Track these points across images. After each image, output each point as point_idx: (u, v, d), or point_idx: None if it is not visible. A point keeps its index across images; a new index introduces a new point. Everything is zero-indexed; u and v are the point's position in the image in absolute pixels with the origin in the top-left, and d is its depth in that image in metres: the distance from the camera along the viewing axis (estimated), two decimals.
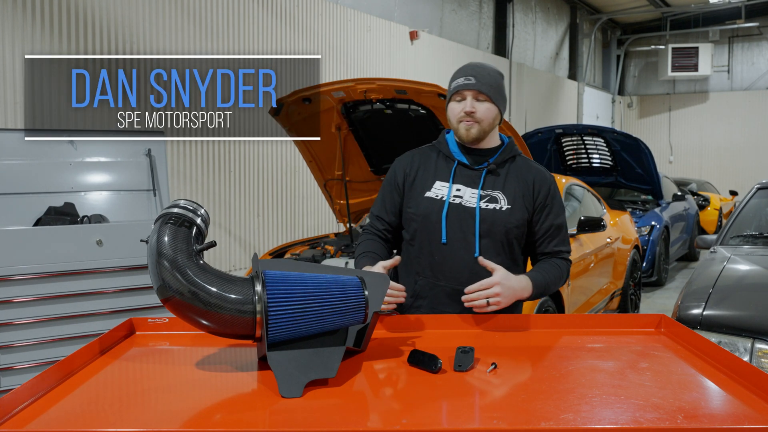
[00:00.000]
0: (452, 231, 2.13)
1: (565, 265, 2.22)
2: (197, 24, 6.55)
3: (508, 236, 2.15)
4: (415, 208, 2.19)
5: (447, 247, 2.13)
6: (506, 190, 2.17)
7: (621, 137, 8.15)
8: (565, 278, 2.23)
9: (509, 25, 13.34)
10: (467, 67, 2.18)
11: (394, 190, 2.26)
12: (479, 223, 2.12)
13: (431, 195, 2.17)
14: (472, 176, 2.18)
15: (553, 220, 2.21)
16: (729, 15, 17.72)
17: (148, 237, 1.63)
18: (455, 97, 2.16)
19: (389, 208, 2.26)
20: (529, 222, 2.19)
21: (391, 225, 2.27)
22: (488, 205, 2.14)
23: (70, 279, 3.41)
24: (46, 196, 3.70)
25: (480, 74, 2.14)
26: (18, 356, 3.31)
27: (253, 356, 1.73)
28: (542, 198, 2.19)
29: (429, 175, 2.21)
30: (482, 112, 2.14)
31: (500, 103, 2.18)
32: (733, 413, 1.40)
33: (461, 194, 2.16)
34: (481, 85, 2.12)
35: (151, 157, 3.96)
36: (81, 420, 1.35)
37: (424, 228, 2.17)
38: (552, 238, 2.21)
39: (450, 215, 2.14)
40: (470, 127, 2.14)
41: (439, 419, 1.37)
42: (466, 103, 2.13)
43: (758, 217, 4.77)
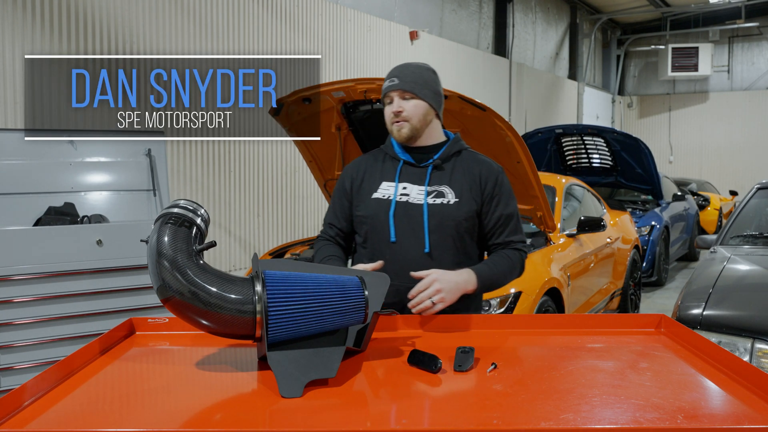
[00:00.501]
0: (401, 229, 2.14)
1: (516, 255, 2.21)
2: (197, 24, 6.55)
3: (458, 230, 2.15)
4: (364, 210, 2.21)
5: (397, 245, 2.14)
6: (453, 184, 2.17)
7: (621, 137, 8.15)
8: (520, 269, 2.22)
9: (509, 25, 13.34)
10: (393, 70, 2.21)
11: (343, 196, 2.28)
12: (428, 219, 2.13)
13: (378, 195, 2.19)
14: (419, 173, 2.19)
15: (503, 210, 2.20)
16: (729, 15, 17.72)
17: (148, 237, 1.63)
18: (385, 100, 2.20)
19: (340, 214, 2.28)
20: (478, 214, 2.19)
21: (342, 231, 2.29)
22: (436, 200, 2.15)
23: (70, 279, 3.42)
24: (46, 196, 3.70)
25: (403, 73, 2.16)
26: (18, 356, 3.31)
27: (253, 356, 1.73)
28: (490, 188, 2.19)
29: (375, 177, 2.23)
30: (409, 110, 2.15)
31: (429, 97, 2.18)
32: (733, 413, 1.40)
33: (408, 192, 2.17)
34: (404, 83, 2.14)
35: (151, 157, 3.96)
36: (81, 420, 1.35)
37: (373, 229, 2.18)
38: (503, 228, 2.20)
39: (398, 213, 2.15)
40: (401, 127, 2.17)
41: (439, 419, 1.37)
42: (394, 104, 2.16)
43: (758, 217, 4.77)
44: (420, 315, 1.98)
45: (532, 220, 4.50)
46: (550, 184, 5.46)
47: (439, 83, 2.23)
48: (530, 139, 8.28)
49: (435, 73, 2.23)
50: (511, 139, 3.74)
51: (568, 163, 8.65)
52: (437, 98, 2.22)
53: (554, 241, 4.78)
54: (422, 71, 2.20)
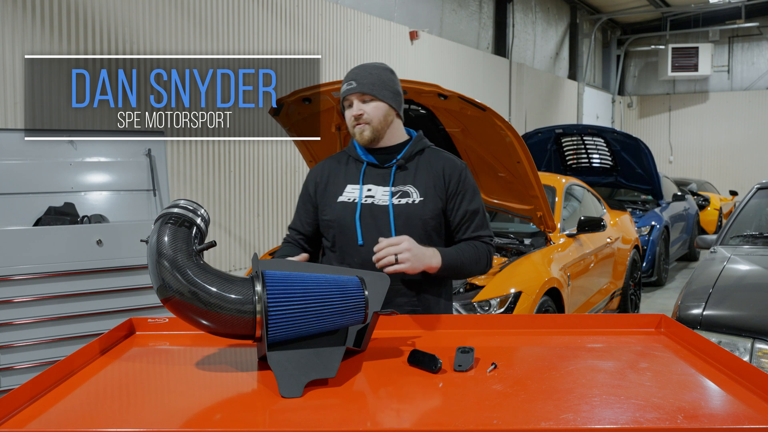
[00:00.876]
0: (368, 232, 2.14)
1: (483, 247, 2.20)
2: (197, 24, 6.55)
3: (425, 228, 2.15)
4: (330, 214, 2.20)
5: (365, 248, 2.13)
6: (417, 183, 2.17)
7: (621, 137, 8.15)
8: (486, 261, 2.21)
9: (509, 25, 13.34)
10: (350, 73, 2.20)
11: (307, 201, 2.27)
12: (394, 220, 2.12)
13: (343, 199, 2.18)
14: (383, 174, 2.19)
15: (468, 205, 2.20)
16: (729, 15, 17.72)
17: (148, 237, 1.63)
18: (345, 104, 2.19)
19: (304, 219, 2.27)
20: (444, 211, 2.19)
21: (306, 235, 2.28)
22: (401, 201, 2.15)
23: (70, 279, 3.42)
24: (46, 196, 3.70)
25: (360, 75, 2.16)
26: (18, 356, 3.31)
27: (253, 356, 1.73)
28: (454, 185, 2.19)
29: (340, 180, 2.22)
30: (370, 112, 2.15)
31: (388, 98, 2.17)
32: (733, 413, 1.40)
33: (373, 194, 2.17)
34: (363, 86, 2.14)
35: (151, 157, 3.96)
36: (81, 420, 1.35)
37: (340, 233, 2.18)
38: (469, 224, 2.20)
39: (364, 216, 2.14)
40: (362, 130, 2.16)
41: (439, 419, 1.37)
42: (353, 108, 2.16)
43: (758, 217, 4.78)
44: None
45: (532, 220, 4.50)
46: (550, 184, 5.46)
47: (397, 83, 2.23)
48: (530, 139, 8.28)
49: (393, 72, 2.23)
50: (511, 139, 3.74)
51: (568, 163, 8.65)
52: (397, 98, 2.22)
53: (554, 241, 4.78)
54: (380, 72, 2.19)
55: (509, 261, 4.31)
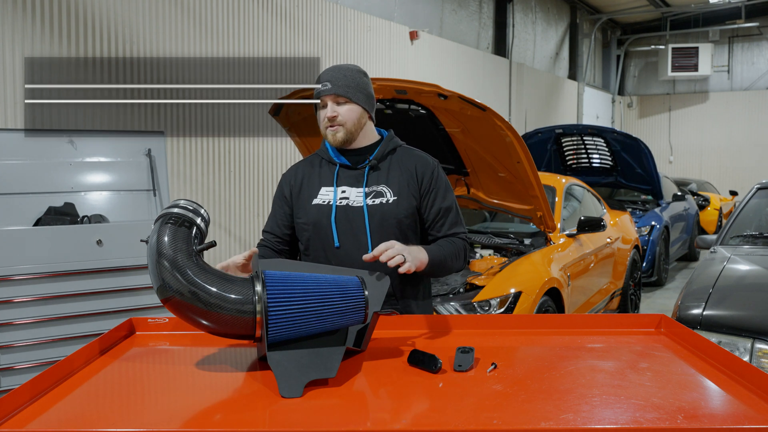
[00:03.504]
0: (344, 234, 2.13)
1: (460, 243, 2.20)
2: (197, 24, 6.55)
3: (400, 227, 2.15)
4: (305, 217, 2.19)
5: (341, 250, 2.13)
6: (390, 182, 2.17)
7: (621, 137, 8.15)
8: (464, 256, 2.21)
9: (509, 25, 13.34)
10: (324, 73, 2.19)
11: (283, 203, 2.26)
12: (368, 220, 2.12)
13: (318, 201, 2.18)
14: (356, 176, 2.19)
15: (441, 203, 2.20)
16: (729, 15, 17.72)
17: (148, 237, 1.63)
18: (319, 105, 2.19)
19: (280, 221, 2.26)
20: (418, 209, 2.19)
21: (281, 238, 2.26)
22: (375, 201, 2.14)
23: (70, 279, 3.42)
24: (46, 196, 3.70)
25: (335, 77, 2.15)
26: (18, 356, 3.31)
27: (253, 356, 1.73)
28: (426, 183, 2.19)
29: (314, 182, 2.22)
30: (344, 114, 2.15)
31: (362, 101, 2.18)
32: (733, 413, 1.40)
33: (347, 195, 2.17)
34: (338, 87, 2.14)
35: (151, 157, 3.96)
36: (81, 420, 1.35)
37: (316, 235, 2.17)
38: (443, 221, 2.21)
39: (339, 218, 2.14)
40: (335, 131, 2.16)
41: (439, 419, 1.37)
42: (327, 109, 2.15)
43: (758, 217, 4.78)
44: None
45: (532, 220, 4.50)
46: (550, 184, 5.46)
47: (370, 85, 2.24)
48: (530, 139, 8.28)
49: (366, 75, 2.24)
50: (511, 139, 3.74)
51: (568, 163, 8.65)
52: (370, 101, 2.22)
53: (554, 241, 4.78)
54: (354, 74, 2.19)
55: (509, 261, 4.31)
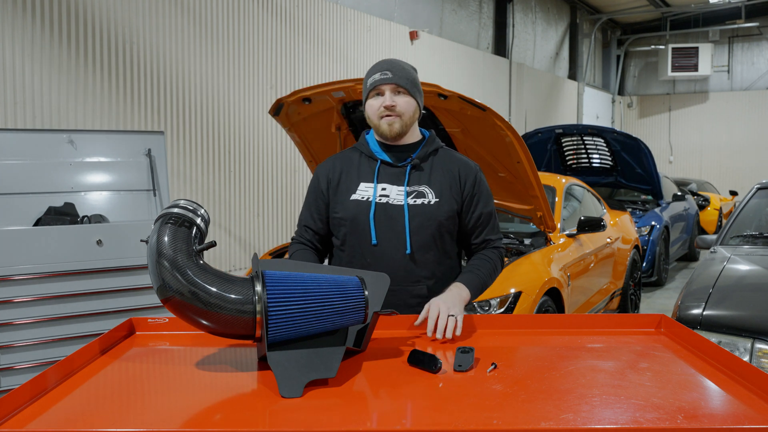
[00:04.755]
0: (382, 231, 2.11)
1: (495, 254, 2.20)
2: (197, 24, 6.55)
3: (439, 230, 2.14)
4: (342, 212, 2.16)
5: (378, 248, 2.11)
6: (432, 183, 2.15)
7: (621, 137, 8.15)
8: (501, 266, 2.22)
9: (509, 25, 13.34)
10: (382, 63, 2.16)
11: (318, 197, 2.23)
12: (409, 220, 2.10)
13: (357, 197, 2.15)
14: (397, 173, 2.16)
15: (482, 208, 2.19)
16: (729, 15, 17.73)
17: (148, 237, 1.63)
18: (372, 93, 2.14)
19: (316, 215, 2.24)
20: (458, 213, 2.17)
21: (318, 233, 2.24)
22: (416, 201, 2.12)
23: (70, 279, 3.41)
24: (46, 196, 3.70)
25: (396, 68, 2.13)
26: (18, 356, 3.31)
27: (253, 356, 1.73)
28: (469, 188, 2.18)
29: (353, 177, 2.19)
30: (402, 106, 2.12)
31: (418, 96, 2.17)
32: (733, 413, 1.40)
33: (387, 193, 2.14)
34: (399, 78, 2.11)
35: (151, 157, 3.96)
36: (81, 420, 1.35)
37: (353, 231, 2.14)
38: (483, 227, 2.20)
39: (378, 215, 2.11)
40: (393, 122, 2.12)
41: (439, 419, 1.37)
42: (386, 98, 2.11)
43: (758, 217, 4.78)
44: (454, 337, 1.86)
45: (532, 220, 4.50)
46: (550, 184, 5.46)
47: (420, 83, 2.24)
48: (530, 139, 8.28)
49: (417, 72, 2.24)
50: (511, 139, 3.74)
51: (568, 163, 8.65)
52: (422, 98, 2.22)
53: (554, 241, 4.78)
54: (411, 70, 2.19)
55: (509, 261, 4.32)
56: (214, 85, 6.75)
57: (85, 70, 5.54)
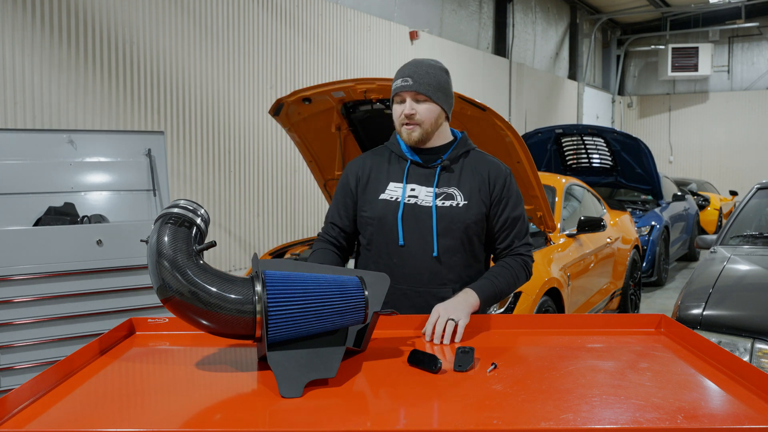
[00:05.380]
0: (409, 232, 2.10)
1: (519, 262, 2.15)
2: (197, 24, 6.55)
3: (467, 233, 2.11)
4: (370, 211, 2.15)
5: (405, 249, 2.10)
6: (462, 185, 2.13)
7: (621, 137, 8.16)
8: (525, 274, 2.16)
9: (509, 25, 13.34)
10: (406, 67, 2.12)
11: (347, 195, 2.22)
12: (436, 222, 2.08)
13: (386, 197, 2.14)
14: (426, 174, 2.14)
15: (510, 212, 2.16)
16: (729, 15, 17.73)
17: (148, 237, 1.63)
18: (396, 99, 2.13)
19: (343, 213, 2.22)
20: (487, 216, 2.15)
21: (345, 230, 2.23)
22: (444, 203, 2.10)
23: (70, 279, 3.41)
24: (46, 196, 3.69)
25: (417, 74, 2.09)
26: (18, 356, 3.31)
27: (253, 356, 1.73)
28: (498, 190, 2.14)
29: (382, 176, 2.17)
30: (422, 113, 2.09)
31: (442, 100, 2.12)
32: (733, 413, 1.40)
33: (416, 194, 2.12)
34: (419, 85, 2.07)
35: (151, 157, 3.96)
36: (81, 420, 1.35)
37: (380, 231, 2.13)
38: (509, 231, 2.16)
39: (406, 216, 2.10)
40: (411, 130, 2.10)
41: (439, 419, 1.37)
42: (406, 106, 2.09)
43: (758, 217, 4.78)
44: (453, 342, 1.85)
45: (532, 220, 4.51)
46: (550, 184, 5.46)
47: (451, 84, 2.17)
48: (530, 139, 8.28)
49: (447, 72, 2.16)
50: (511, 139, 3.74)
51: (568, 163, 8.65)
52: (449, 101, 2.16)
53: (554, 241, 4.78)
54: (436, 72, 2.12)
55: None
56: (214, 85, 6.75)
57: (85, 70, 5.54)
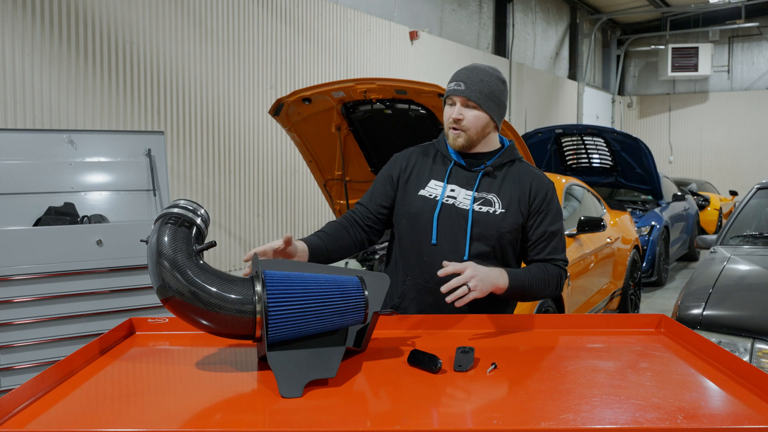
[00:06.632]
0: (443, 232, 2.09)
1: (555, 270, 2.13)
2: (197, 25, 6.55)
3: (500, 241, 2.10)
4: (408, 206, 2.15)
5: (437, 248, 2.09)
6: (502, 193, 2.12)
7: (621, 137, 8.16)
8: (556, 285, 2.13)
9: (509, 25, 13.34)
10: (461, 71, 2.13)
11: (387, 182, 2.22)
12: (471, 226, 2.08)
13: (425, 194, 2.14)
14: (468, 178, 2.14)
15: (548, 226, 2.13)
16: (729, 15, 17.73)
17: (148, 237, 1.63)
18: (448, 101, 2.13)
19: (378, 199, 2.21)
20: (523, 227, 2.13)
21: (374, 214, 2.21)
22: (482, 208, 2.09)
23: (70, 279, 3.41)
24: (46, 196, 3.69)
25: (471, 80, 2.08)
26: (18, 356, 3.31)
27: (253, 356, 1.73)
28: (538, 203, 2.13)
29: (424, 173, 2.17)
30: (469, 120, 2.09)
31: (492, 110, 2.11)
32: (733, 413, 1.40)
33: (455, 195, 2.12)
34: (470, 92, 2.07)
35: (151, 157, 3.96)
36: (81, 420, 1.35)
37: (414, 226, 2.13)
38: (545, 245, 2.13)
39: (442, 216, 2.10)
40: (457, 136, 2.11)
41: (439, 419, 1.37)
42: (455, 110, 2.09)
43: (758, 217, 4.78)
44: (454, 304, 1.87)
45: None
46: None
47: (505, 94, 2.15)
48: (530, 139, 8.29)
49: (504, 83, 2.14)
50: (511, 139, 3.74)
51: (568, 163, 8.66)
52: (500, 111, 2.14)
53: None
54: (492, 81, 2.10)
55: None
56: (214, 85, 6.75)
57: (85, 70, 5.54)
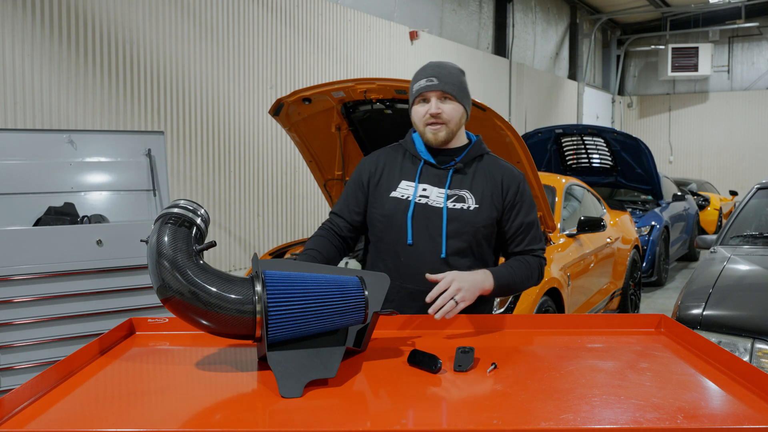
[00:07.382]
0: (418, 232, 2.09)
1: (535, 261, 2.15)
2: (197, 25, 6.55)
3: (476, 236, 2.11)
4: (380, 208, 2.15)
5: (413, 248, 2.09)
6: (474, 189, 2.12)
7: (621, 137, 8.16)
8: (537, 275, 2.16)
9: (509, 25, 13.34)
10: (428, 68, 2.12)
11: (358, 188, 2.21)
12: (446, 223, 2.08)
13: (397, 195, 2.13)
14: (439, 175, 2.14)
15: (524, 218, 2.15)
16: (729, 15, 17.73)
17: (148, 237, 1.63)
18: (418, 99, 2.12)
19: (352, 206, 2.22)
20: (498, 221, 2.14)
21: (351, 223, 2.22)
22: (455, 205, 2.10)
23: (70, 279, 3.41)
24: (46, 196, 3.69)
25: (442, 74, 2.09)
26: (18, 356, 3.31)
27: (253, 356, 1.73)
28: (511, 196, 2.14)
29: (395, 174, 2.17)
30: (449, 113, 2.09)
31: (465, 101, 2.13)
32: (733, 413, 1.40)
33: (428, 194, 2.12)
34: (445, 85, 2.07)
35: (151, 157, 3.96)
36: (81, 420, 1.35)
37: (389, 229, 2.13)
38: (523, 237, 2.15)
39: (416, 215, 2.10)
40: (438, 130, 2.10)
41: (439, 419, 1.37)
42: (431, 105, 2.08)
43: (758, 217, 4.78)
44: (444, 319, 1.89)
45: None
46: (550, 184, 5.46)
47: (467, 85, 2.18)
48: (530, 139, 8.29)
49: (464, 74, 2.17)
50: (511, 139, 3.74)
51: (568, 163, 8.66)
52: (469, 101, 2.17)
53: (554, 241, 4.78)
54: (458, 74, 2.13)
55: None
56: (214, 85, 6.75)
57: (85, 70, 5.54)
